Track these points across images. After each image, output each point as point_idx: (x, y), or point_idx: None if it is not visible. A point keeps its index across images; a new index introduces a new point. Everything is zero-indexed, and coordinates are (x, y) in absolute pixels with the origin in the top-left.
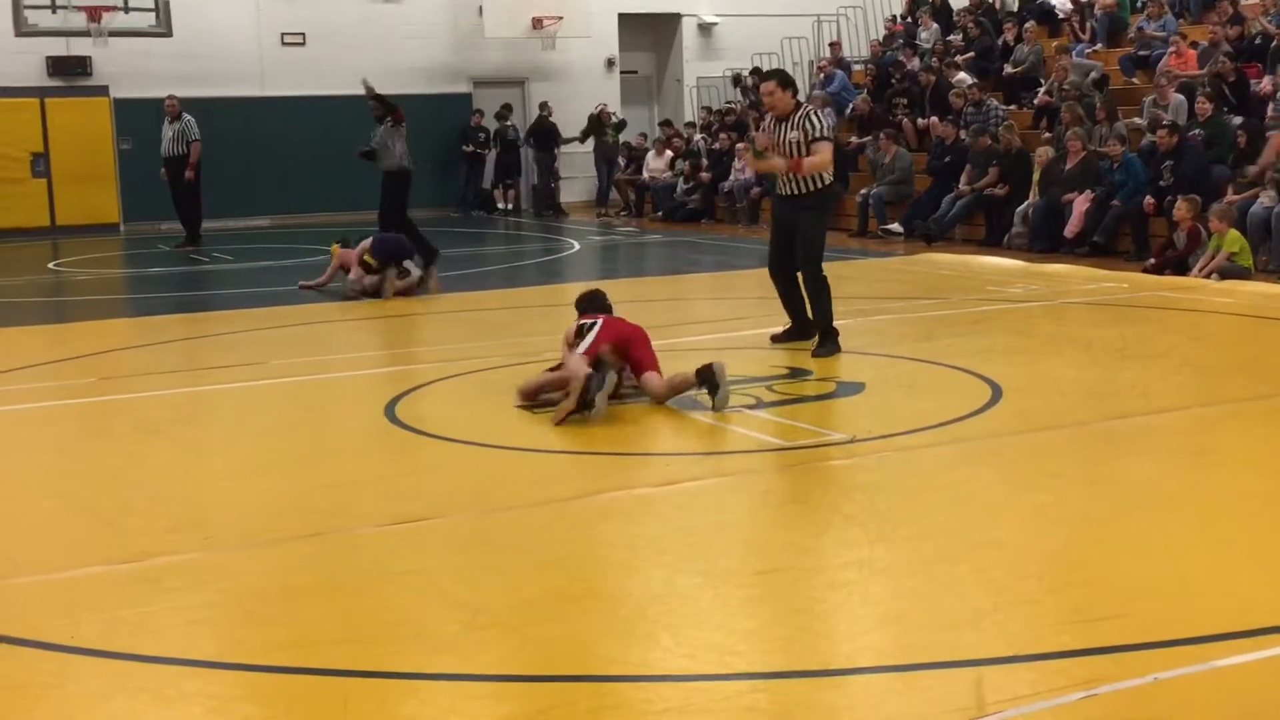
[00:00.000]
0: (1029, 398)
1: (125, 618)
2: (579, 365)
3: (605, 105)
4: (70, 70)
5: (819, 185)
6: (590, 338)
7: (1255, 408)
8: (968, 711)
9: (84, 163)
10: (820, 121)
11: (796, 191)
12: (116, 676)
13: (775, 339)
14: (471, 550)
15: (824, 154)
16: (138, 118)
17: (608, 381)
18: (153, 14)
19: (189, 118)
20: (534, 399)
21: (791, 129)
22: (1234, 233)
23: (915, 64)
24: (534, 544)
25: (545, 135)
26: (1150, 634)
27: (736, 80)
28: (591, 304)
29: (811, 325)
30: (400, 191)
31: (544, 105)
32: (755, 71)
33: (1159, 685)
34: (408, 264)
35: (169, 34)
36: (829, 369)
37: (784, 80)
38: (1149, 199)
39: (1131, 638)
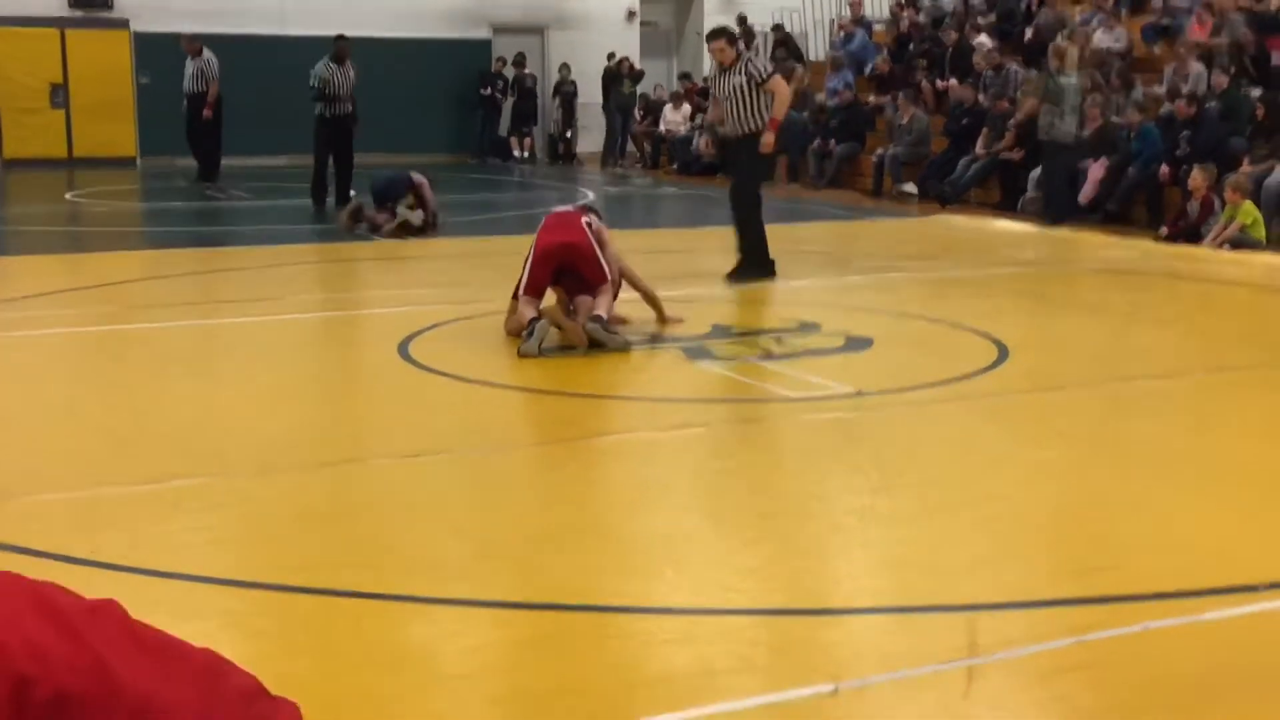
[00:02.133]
0: (1036, 358)
1: (144, 535)
2: (525, 308)
3: (626, 57)
4: (91, 2)
5: (759, 126)
6: (526, 268)
7: (1258, 376)
8: (961, 652)
9: (102, 95)
10: (760, 65)
11: (744, 132)
12: (135, 590)
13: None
14: (481, 484)
15: (781, 88)
16: (157, 52)
17: (535, 337)
18: None
19: (209, 55)
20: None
21: (735, 75)
22: (1248, 204)
23: (930, 28)
24: (543, 481)
25: (568, 95)
26: (1143, 585)
27: (741, 21)
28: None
29: (768, 261)
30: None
31: (564, 67)
32: (740, 20)
33: (1148, 634)
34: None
35: None
36: (839, 324)
37: (730, 37)
38: (1164, 168)
39: (1124, 588)
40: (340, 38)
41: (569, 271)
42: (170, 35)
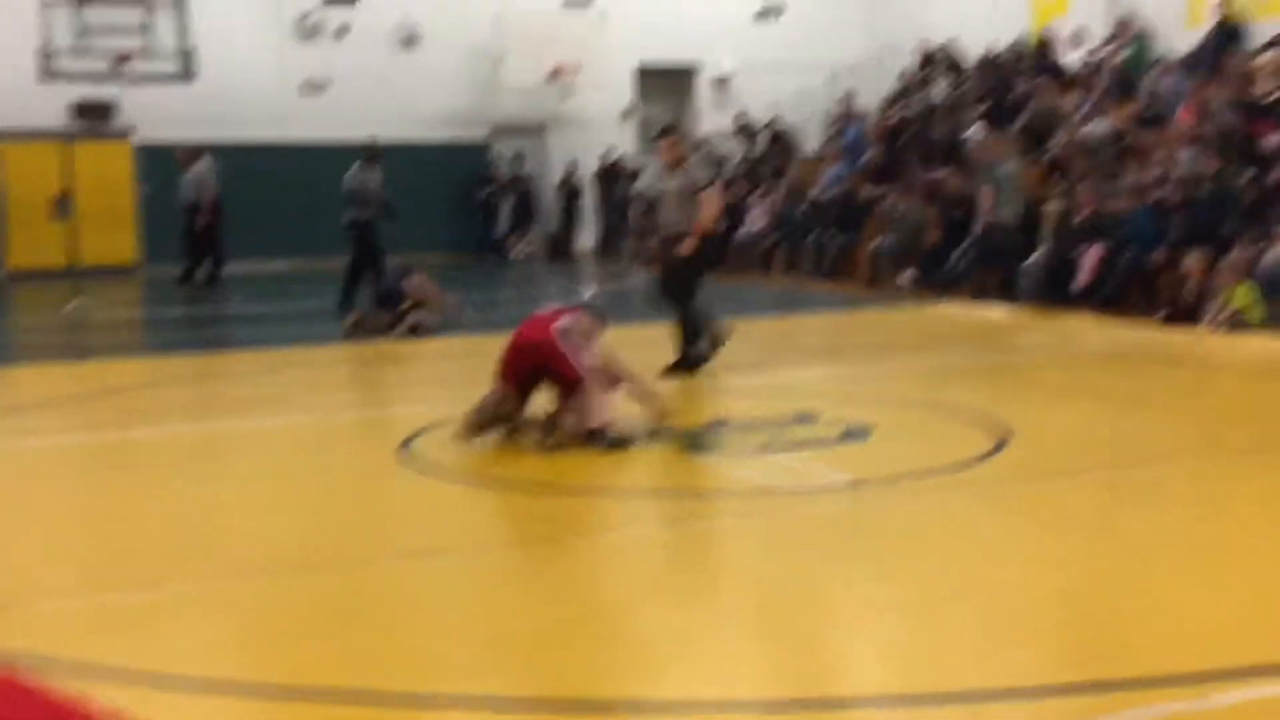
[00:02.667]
0: (1035, 445)
1: (147, 641)
2: (489, 396)
3: (622, 155)
4: (94, 115)
5: (688, 230)
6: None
7: (1257, 459)
8: None
9: (106, 205)
10: (701, 172)
11: (674, 234)
12: (140, 697)
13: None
14: (481, 583)
15: (711, 200)
16: (160, 161)
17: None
18: (177, 60)
19: (205, 164)
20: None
21: (676, 177)
22: (1243, 287)
23: (919, 119)
24: (544, 578)
25: (573, 192)
26: (1145, 671)
27: (739, 119)
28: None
29: (696, 357)
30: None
31: (573, 163)
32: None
33: (1152, 718)
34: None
35: (193, 79)
36: (837, 414)
37: (680, 137)
38: (1159, 253)
39: (1126, 674)
40: (371, 143)
41: (540, 368)
42: (171, 144)
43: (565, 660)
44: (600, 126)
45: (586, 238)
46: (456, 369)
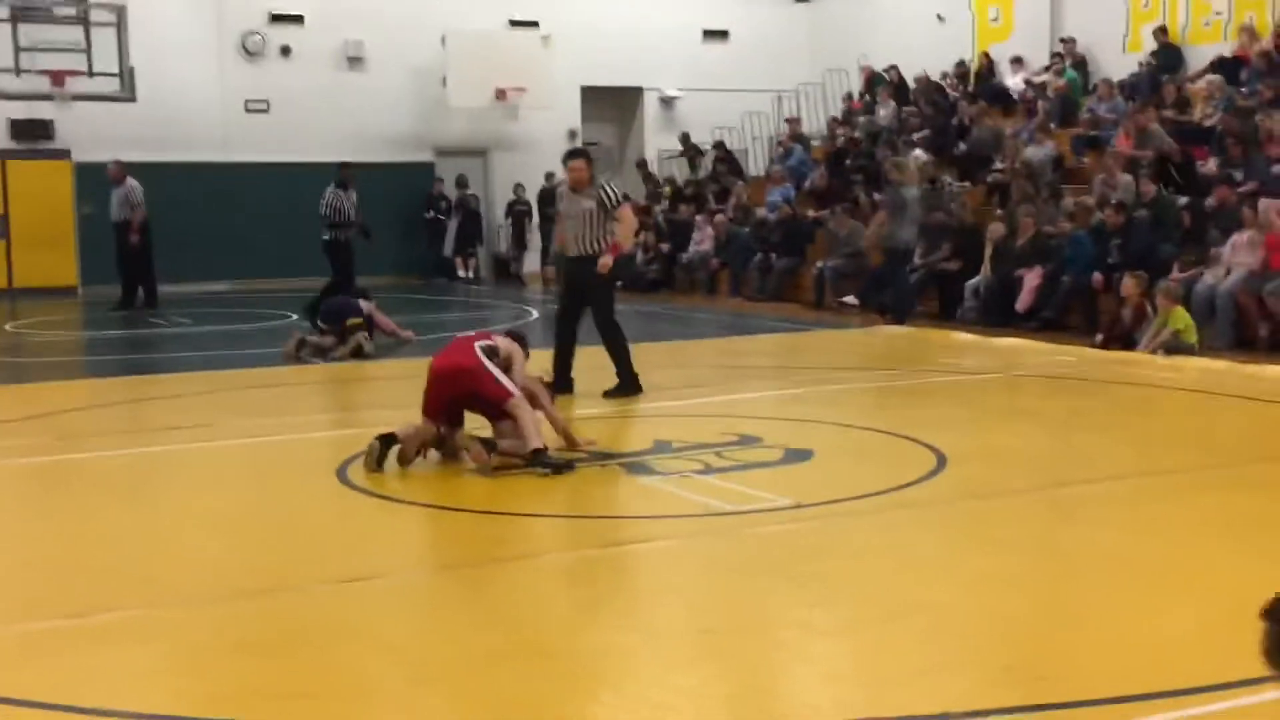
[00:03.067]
0: (974, 466)
1: (73, 670)
2: (418, 429)
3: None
4: (32, 133)
5: (602, 249)
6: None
7: (1196, 478)
8: None
9: (43, 225)
10: (614, 191)
11: (584, 253)
12: None
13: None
14: (418, 608)
15: (628, 216)
16: (99, 181)
17: (369, 456)
18: (117, 79)
19: (133, 182)
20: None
21: (587, 198)
22: (1179, 310)
23: (864, 141)
24: (476, 602)
25: (519, 214)
26: (1083, 692)
27: (684, 139)
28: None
29: (571, 381)
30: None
31: (519, 187)
32: (683, 139)
33: None
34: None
35: (133, 99)
36: (779, 436)
37: (589, 159)
38: (1097, 275)
39: (1065, 696)
40: (345, 165)
41: (466, 395)
42: (125, 168)
43: (500, 686)
44: (546, 148)
45: (533, 260)
46: (399, 391)
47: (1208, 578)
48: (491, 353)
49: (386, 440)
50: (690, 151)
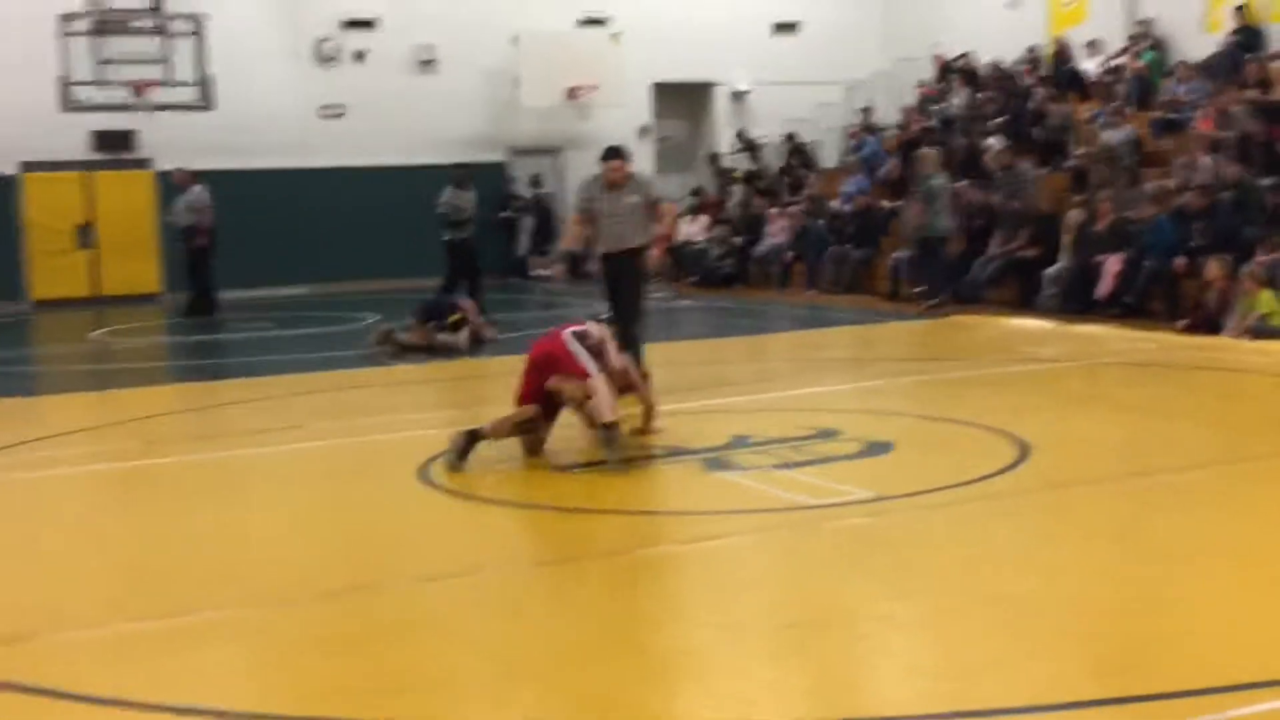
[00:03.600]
0: (1057, 455)
1: (168, 670)
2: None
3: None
4: (115, 144)
5: (645, 243)
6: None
7: None
8: None
9: (127, 234)
10: (653, 184)
11: (632, 248)
12: None
13: None
14: (502, 605)
15: (671, 209)
16: (180, 190)
17: (451, 451)
18: (196, 88)
19: (198, 188)
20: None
21: (629, 194)
22: (1266, 293)
23: (938, 130)
24: (563, 598)
25: None
26: (1171, 684)
27: (740, 136)
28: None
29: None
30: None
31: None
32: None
33: None
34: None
35: (212, 107)
36: (858, 429)
37: (627, 157)
38: (1180, 260)
39: (1152, 688)
40: (461, 165)
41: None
42: (192, 174)
43: (583, 681)
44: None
45: None
46: (476, 391)
47: None
48: (581, 337)
49: (470, 435)
50: (747, 146)
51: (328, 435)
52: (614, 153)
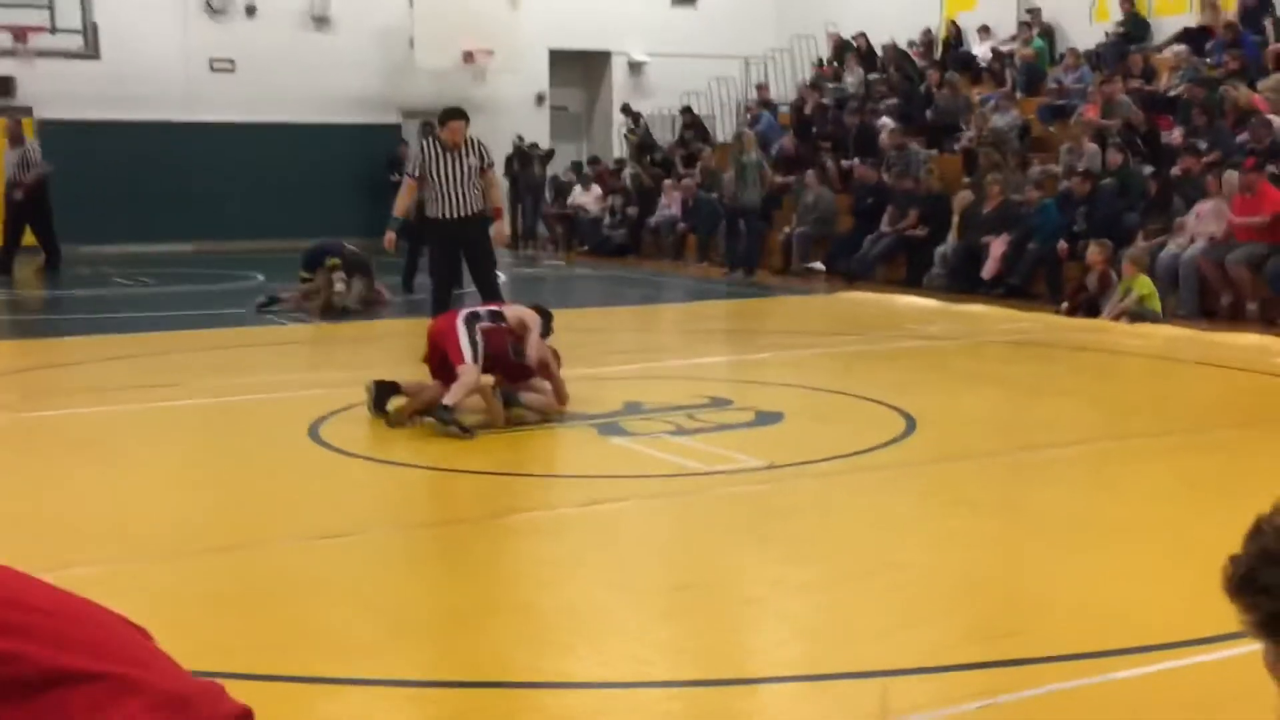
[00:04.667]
0: (942, 429)
1: None
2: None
3: (534, 141)
4: None
5: (482, 208)
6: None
7: (1158, 443)
8: (873, 718)
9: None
10: (488, 150)
11: (471, 213)
12: None
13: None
14: (393, 564)
15: (498, 179)
16: (61, 139)
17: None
18: (80, 36)
19: (33, 142)
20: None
21: (469, 156)
22: (1144, 278)
23: (832, 109)
24: (454, 559)
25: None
26: (1049, 649)
27: (625, 110)
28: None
29: None
30: None
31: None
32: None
33: (1054, 695)
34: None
35: (96, 57)
36: (749, 399)
37: (468, 118)
38: (1063, 243)
39: (1031, 652)
40: (426, 123)
41: (441, 356)
42: (76, 122)
43: (473, 642)
44: (513, 111)
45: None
46: (368, 352)
47: (1170, 538)
48: (474, 319)
49: (385, 387)
50: (634, 119)
51: (214, 393)
52: (457, 114)
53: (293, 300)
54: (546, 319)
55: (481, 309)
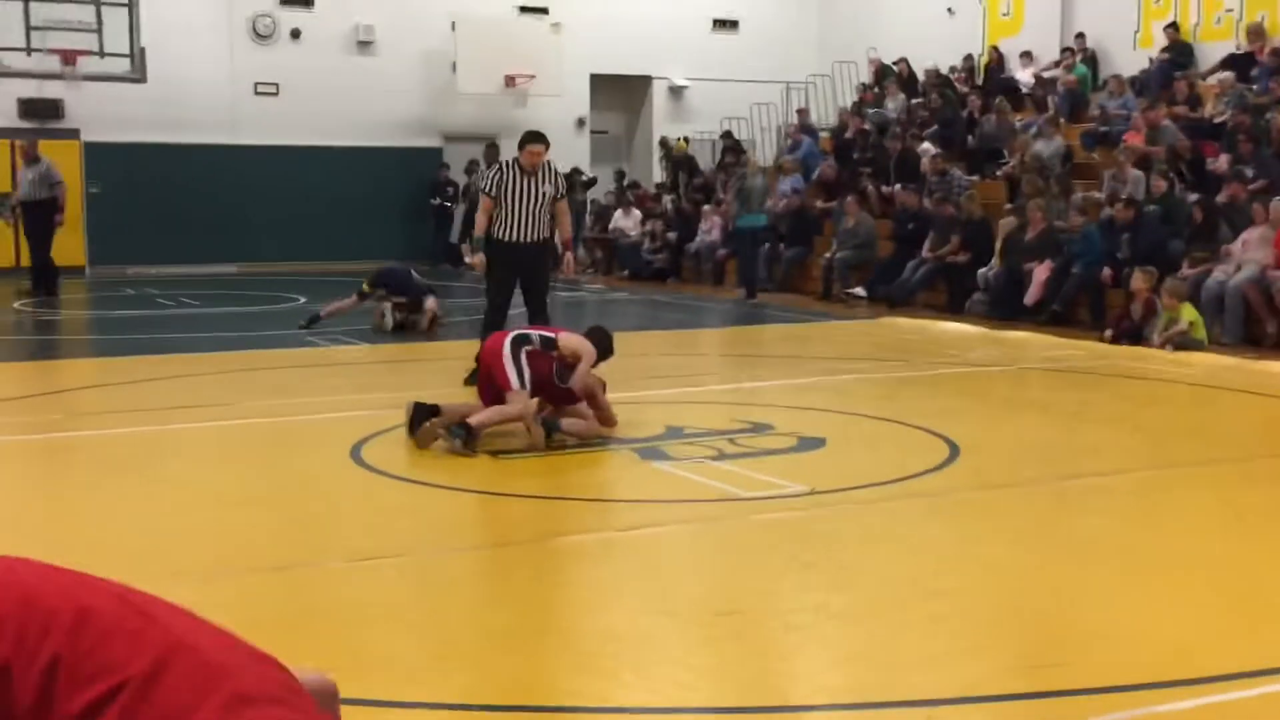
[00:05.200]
0: (985, 456)
1: None
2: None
3: (576, 165)
4: (42, 113)
5: (550, 233)
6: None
7: (1202, 472)
8: None
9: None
10: (563, 180)
11: (538, 239)
12: None
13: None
14: (437, 587)
15: (567, 208)
16: (108, 161)
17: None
18: (128, 59)
19: (48, 160)
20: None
21: (545, 183)
22: (1188, 306)
23: (873, 134)
24: (497, 582)
25: None
26: (1094, 680)
27: (663, 144)
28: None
29: None
30: None
31: None
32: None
33: None
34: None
35: (143, 80)
36: (791, 425)
37: (548, 143)
38: (1107, 270)
39: (1076, 683)
40: (491, 145)
41: (489, 379)
42: (121, 145)
43: (516, 665)
44: (554, 135)
45: None
46: (408, 374)
47: (1216, 568)
48: (523, 341)
49: (424, 409)
50: (669, 150)
51: (260, 414)
52: (539, 138)
53: (334, 312)
54: (606, 341)
55: (533, 332)
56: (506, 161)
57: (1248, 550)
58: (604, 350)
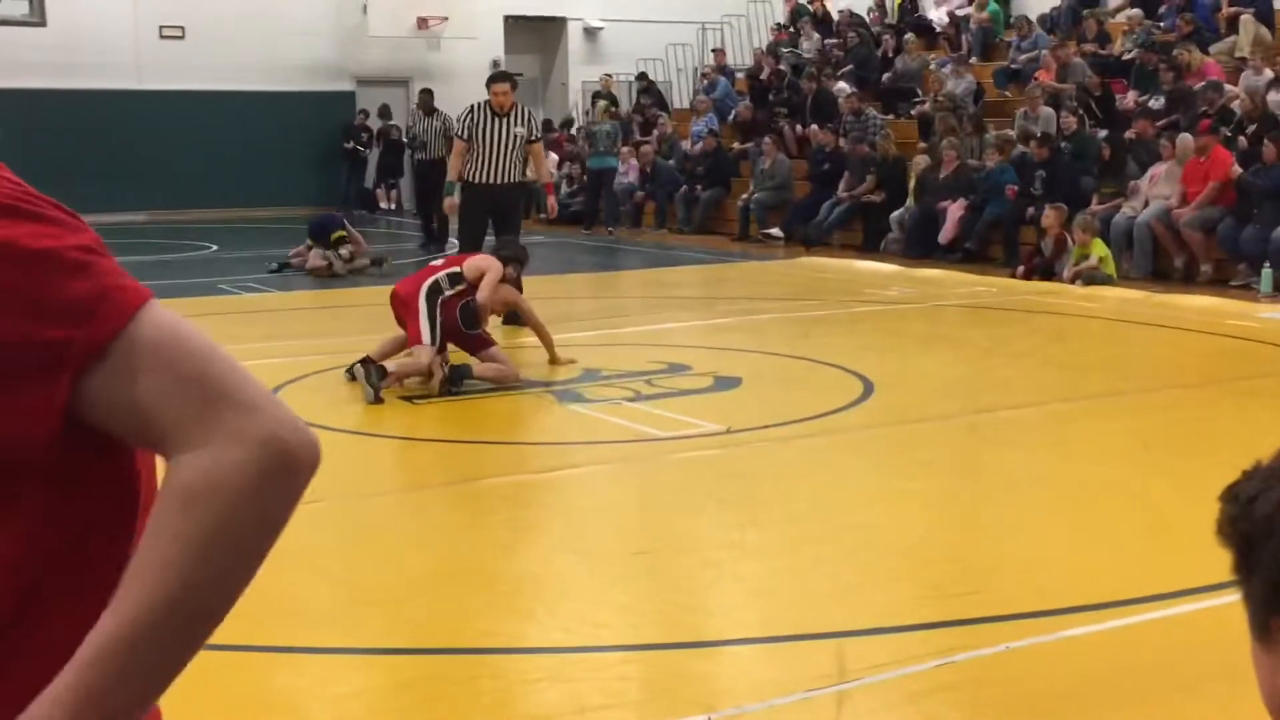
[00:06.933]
0: (899, 393)
1: None
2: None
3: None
4: None
5: (523, 176)
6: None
7: (1111, 403)
8: (830, 679)
9: None
10: (538, 123)
11: (510, 181)
12: None
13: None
14: (351, 531)
15: (542, 151)
16: (7, 109)
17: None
18: (26, 3)
19: None
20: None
21: (517, 124)
22: (1098, 242)
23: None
24: (413, 526)
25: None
26: (1004, 608)
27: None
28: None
29: None
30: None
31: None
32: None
33: (1011, 653)
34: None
35: (42, 23)
36: (707, 365)
37: (515, 82)
38: (1011, 189)
39: (986, 611)
40: (425, 91)
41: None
42: (22, 91)
43: (432, 608)
44: (468, 78)
45: None
46: (329, 319)
47: (1124, 497)
48: (437, 291)
49: (371, 365)
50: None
51: None
52: (505, 77)
53: (301, 260)
54: (511, 248)
55: (442, 273)
56: (477, 104)
57: (1155, 479)
58: (510, 257)
